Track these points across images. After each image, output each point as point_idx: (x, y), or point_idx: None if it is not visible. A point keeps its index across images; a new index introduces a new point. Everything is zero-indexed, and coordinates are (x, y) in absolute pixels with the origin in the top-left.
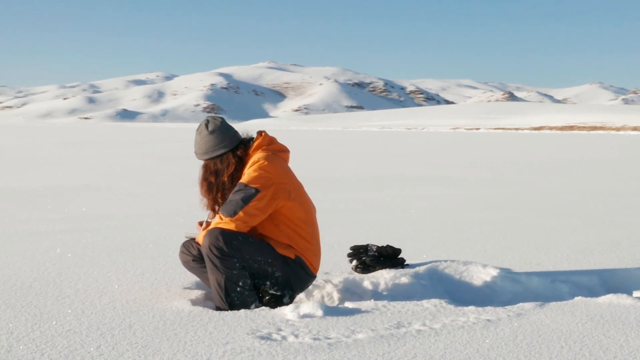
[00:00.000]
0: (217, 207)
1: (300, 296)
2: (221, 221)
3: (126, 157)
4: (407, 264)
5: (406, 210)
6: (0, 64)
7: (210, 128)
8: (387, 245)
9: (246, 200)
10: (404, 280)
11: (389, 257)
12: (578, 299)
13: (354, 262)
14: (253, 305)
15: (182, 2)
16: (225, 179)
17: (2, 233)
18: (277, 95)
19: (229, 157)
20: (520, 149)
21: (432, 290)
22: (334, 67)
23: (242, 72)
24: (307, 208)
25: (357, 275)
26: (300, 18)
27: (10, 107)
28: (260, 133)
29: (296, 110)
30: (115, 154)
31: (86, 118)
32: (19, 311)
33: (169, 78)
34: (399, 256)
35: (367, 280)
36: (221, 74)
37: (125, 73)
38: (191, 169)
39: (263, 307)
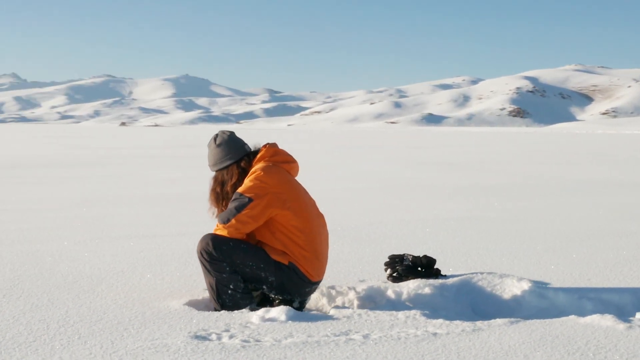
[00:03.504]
0: None
1: (323, 302)
2: (217, 228)
3: (375, 161)
4: (444, 275)
5: (543, 220)
6: (310, 70)
7: (217, 141)
8: (424, 255)
9: (239, 209)
10: (427, 290)
11: (424, 267)
12: (566, 317)
13: (388, 271)
14: (248, 308)
15: (485, 6)
16: (229, 189)
17: (130, 234)
18: (584, 99)
19: (233, 169)
20: None
21: (453, 302)
22: None
23: (548, 75)
24: (304, 217)
25: (383, 284)
26: (605, 19)
27: (319, 112)
28: (265, 145)
29: (604, 114)
30: (368, 158)
31: (392, 122)
32: (21, 302)
33: (474, 82)
34: (435, 267)
35: (391, 290)
36: (527, 77)
37: (431, 77)
38: (437, 179)
39: (243, 310)
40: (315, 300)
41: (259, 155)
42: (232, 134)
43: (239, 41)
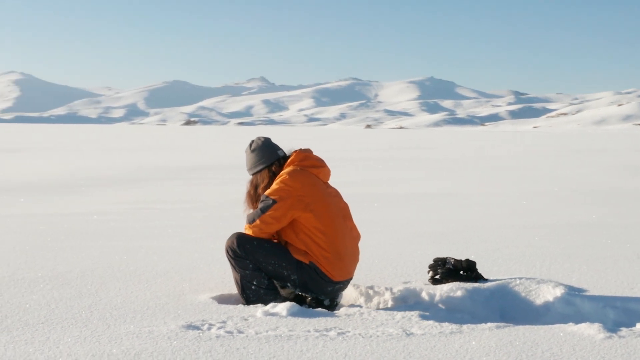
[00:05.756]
0: None
1: (360, 301)
2: (246, 227)
3: (575, 165)
4: (485, 279)
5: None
6: (557, 71)
7: (252, 147)
8: (465, 259)
9: (264, 210)
10: (459, 294)
11: (465, 271)
12: (558, 325)
13: (430, 274)
14: (272, 304)
15: None
16: (261, 191)
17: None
18: None
19: (265, 173)
20: None
21: (481, 306)
22: None
23: None
24: (327, 219)
25: (421, 286)
26: None
27: (565, 113)
28: (296, 150)
29: None
30: (572, 162)
31: None
32: (71, 289)
33: None
34: (477, 271)
35: (425, 292)
36: None
37: None
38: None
39: (258, 305)
40: (354, 298)
41: (289, 160)
42: (266, 139)
43: (484, 42)
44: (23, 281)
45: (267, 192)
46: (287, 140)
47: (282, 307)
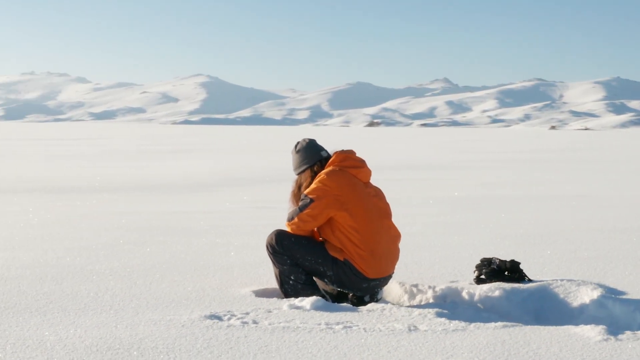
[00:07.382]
0: None
1: (404, 299)
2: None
3: None
4: (530, 279)
5: None
6: None
7: (297, 148)
8: (510, 260)
9: (302, 208)
10: (497, 294)
11: (509, 271)
12: (567, 326)
13: (475, 273)
14: (300, 297)
15: None
16: (303, 190)
17: None
18: None
19: (307, 173)
20: None
21: (516, 306)
22: None
23: None
24: (362, 218)
25: (463, 286)
26: None
27: None
28: (336, 151)
29: None
30: None
31: None
32: (124, 281)
33: None
34: (520, 271)
35: (466, 291)
36: None
37: None
38: None
39: (291, 298)
40: (399, 296)
41: (330, 160)
42: (311, 141)
43: None
44: (90, 272)
45: (306, 191)
46: (469, 142)
47: (308, 301)
